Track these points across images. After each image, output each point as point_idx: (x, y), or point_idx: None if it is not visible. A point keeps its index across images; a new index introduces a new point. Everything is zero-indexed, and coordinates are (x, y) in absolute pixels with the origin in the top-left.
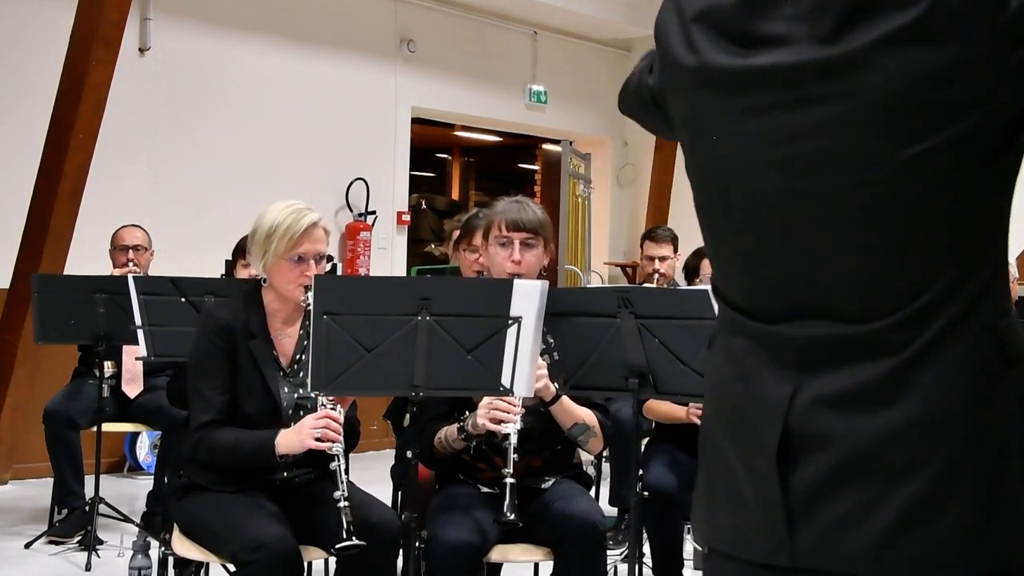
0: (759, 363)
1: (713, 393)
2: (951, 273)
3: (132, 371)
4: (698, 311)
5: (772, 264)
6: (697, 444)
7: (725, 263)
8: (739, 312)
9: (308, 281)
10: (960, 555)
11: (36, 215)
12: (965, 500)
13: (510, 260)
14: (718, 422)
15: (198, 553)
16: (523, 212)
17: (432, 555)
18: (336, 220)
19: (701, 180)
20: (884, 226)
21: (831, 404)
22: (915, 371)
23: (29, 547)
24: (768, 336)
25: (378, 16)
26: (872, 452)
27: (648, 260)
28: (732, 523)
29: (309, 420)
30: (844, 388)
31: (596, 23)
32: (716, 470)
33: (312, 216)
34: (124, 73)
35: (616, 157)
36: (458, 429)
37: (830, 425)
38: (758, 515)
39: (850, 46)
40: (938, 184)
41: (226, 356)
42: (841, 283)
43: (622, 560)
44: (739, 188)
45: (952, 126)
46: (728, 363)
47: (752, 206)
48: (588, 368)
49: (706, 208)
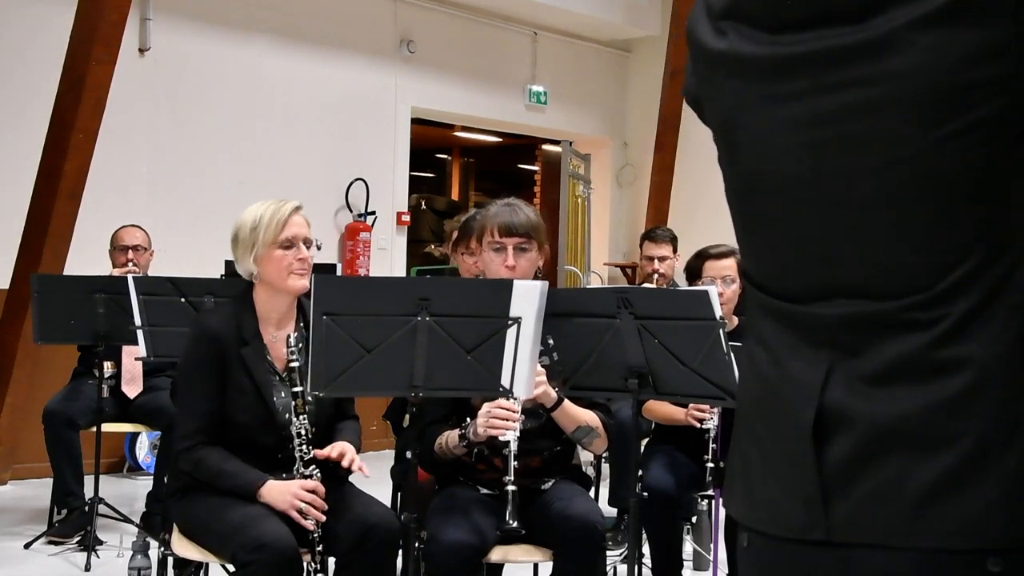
0: (791, 344)
1: (746, 375)
2: (979, 252)
3: (132, 371)
4: (698, 312)
5: (803, 246)
6: (697, 445)
7: (756, 247)
8: (770, 295)
9: (301, 267)
10: (996, 523)
11: (36, 215)
12: (1001, 470)
13: (504, 266)
14: (751, 403)
15: (197, 553)
16: (515, 216)
17: (432, 555)
18: (336, 220)
19: (734, 166)
20: (912, 206)
21: (865, 382)
22: (947, 347)
23: (29, 547)
24: (800, 317)
25: (378, 16)
26: (906, 426)
27: (647, 260)
28: (767, 500)
29: (298, 490)
30: (877, 366)
31: (596, 23)
32: (750, 449)
33: (293, 202)
34: (124, 73)
35: (616, 157)
36: (459, 436)
37: (864, 402)
38: (793, 491)
39: (878, 30)
40: (965, 165)
41: (216, 366)
42: (871, 262)
43: (621, 561)
44: (770, 172)
45: (979, 109)
46: (760, 345)
47: (783, 189)
48: (588, 369)
49: (738, 192)
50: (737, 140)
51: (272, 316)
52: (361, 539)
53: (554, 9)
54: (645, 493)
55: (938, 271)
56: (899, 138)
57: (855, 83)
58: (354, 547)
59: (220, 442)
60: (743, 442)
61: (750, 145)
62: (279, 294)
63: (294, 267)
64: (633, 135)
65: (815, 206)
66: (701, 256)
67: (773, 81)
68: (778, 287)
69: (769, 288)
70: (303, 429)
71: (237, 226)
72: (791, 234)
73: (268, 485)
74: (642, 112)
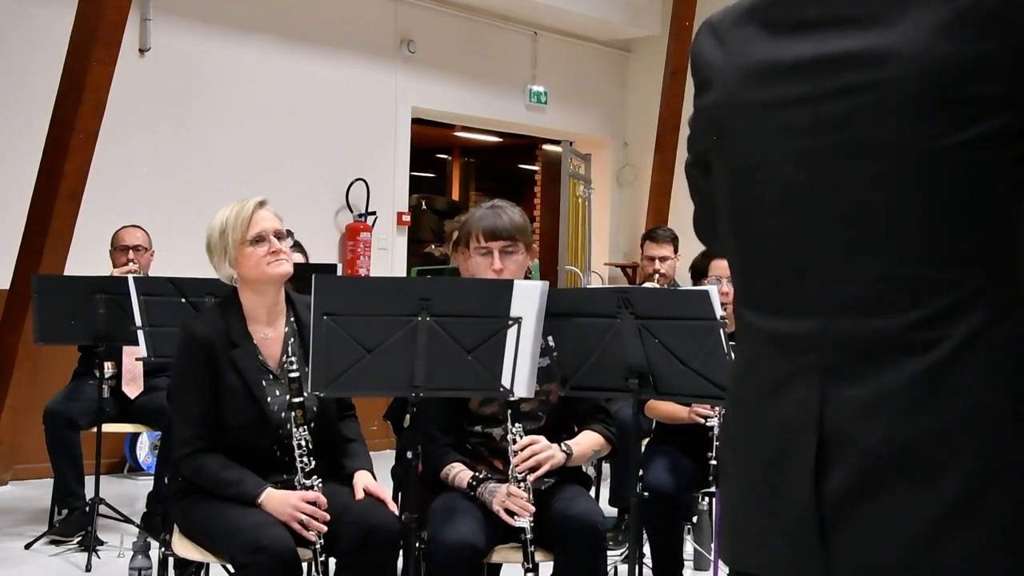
0: (783, 372)
1: (735, 407)
2: (979, 275)
3: (132, 371)
4: (698, 311)
5: (797, 261)
6: (698, 445)
7: (749, 267)
8: (761, 316)
9: (276, 258)
10: (1002, 558)
11: (36, 216)
12: (1004, 501)
13: (491, 270)
14: (742, 436)
15: (198, 554)
16: (499, 219)
17: (432, 556)
18: (336, 220)
19: (730, 177)
20: (911, 219)
21: (862, 407)
22: (948, 373)
23: (29, 548)
24: (792, 340)
25: (378, 16)
26: (906, 454)
27: (648, 260)
28: (760, 542)
29: (298, 501)
30: (874, 390)
31: (596, 23)
32: (741, 491)
33: (256, 198)
34: (124, 73)
35: (616, 158)
36: (468, 484)
37: (862, 429)
38: (788, 530)
39: (881, 39)
40: (962, 181)
41: (206, 371)
42: (867, 277)
43: (622, 561)
44: (767, 182)
45: (979, 124)
46: (749, 375)
47: (779, 200)
48: (588, 369)
49: (733, 213)
50: (735, 150)
51: (260, 314)
52: (362, 540)
53: (554, 9)
54: (646, 493)
55: (937, 289)
56: (896, 149)
57: (854, 91)
58: (355, 548)
59: (218, 446)
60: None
61: (748, 156)
62: (263, 290)
63: (268, 259)
64: (633, 135)
65: (812, 218)
66: (708, 255)
67: (773, 86)
68: (769, 308)
69: (761, 309)
70: (303, 440)
71: (208, 235)
72: (785, 250)
73: (268, 494)
74: (642, 112)
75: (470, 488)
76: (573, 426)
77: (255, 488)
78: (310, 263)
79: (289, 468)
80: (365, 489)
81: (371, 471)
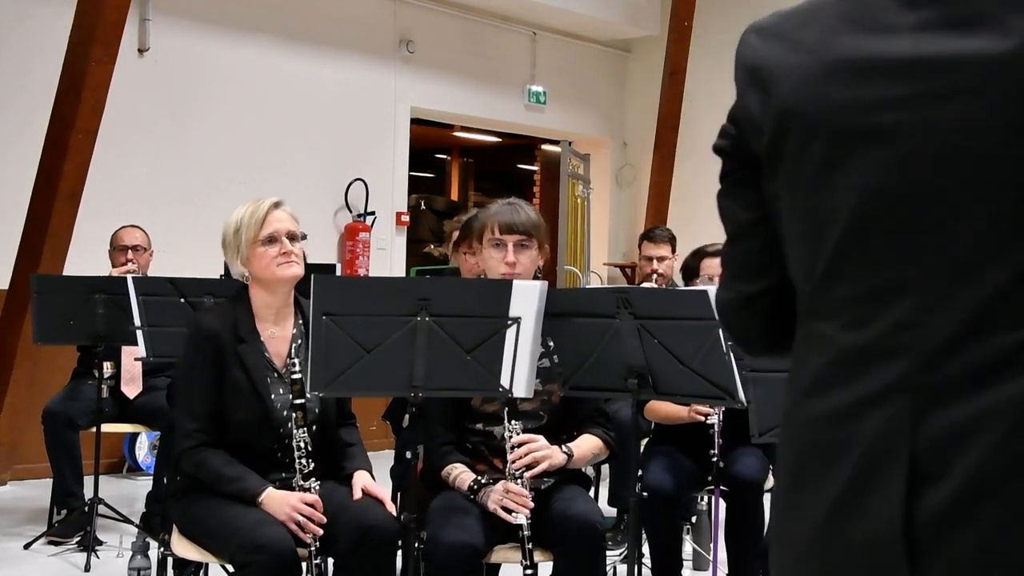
0: (865, 389)
1: (797, 433)
2: None
3: (131, 371)
4: (697, 312)
5: (887, 273)
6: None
7: (826, 277)
8: (839, 330)
9: (287, 260)
10: None
11: (35, 215)
12: None
13: (504, 262)
14: (807, 464)
15: (197, 554)
16: (516, 214)
17: (431, 556)
18: (335, 221)
19: (804, 181)
20: (1017, 233)
21: (963, 428)
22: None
23: (28, 548)
24: (878, 356)
25: (378, 16)
26: (1009, 478)
27: (646, 260)
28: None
29: (297, 502)
30: (976, 410)
31: (596, 23)
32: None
33: (272, 199)
34: (123, 73)
35: (615, 158)
36: (469, 488)
37: (961, 451)
38: (867, 555)
39: (990, 43)
40: None
41: (213, 366)
42: (970, 293)
43: (621, 560)
44: (850, 188)
45: None
46: (816, 392)
47: (868, 207)
48: (587, 369)
49: (808, 215)
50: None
51: (268, 313)
52: (359, 540)
53: (554, 9)
54: (645, 493)
55: None
56: (1003, 158)
57: (960, 94)
58: (352, 548)
59: (220, 442)
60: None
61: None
62: (273, 289)
63: (279, 260)
64: (632, 135)
65: (904, 225)
66: (698, 255)
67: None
68: (853, 317)
69: (839, 319)
70: (303, 442)
71: (223, 231)
72: (877, 256)
73: (268, 494)
74: (641, 112)
75: (471, 492)
76: (572, 429)
77: (256, 486)
78: (309, 263)
79: (288, 468)
80: (363, 489)
81: (370, 472)
